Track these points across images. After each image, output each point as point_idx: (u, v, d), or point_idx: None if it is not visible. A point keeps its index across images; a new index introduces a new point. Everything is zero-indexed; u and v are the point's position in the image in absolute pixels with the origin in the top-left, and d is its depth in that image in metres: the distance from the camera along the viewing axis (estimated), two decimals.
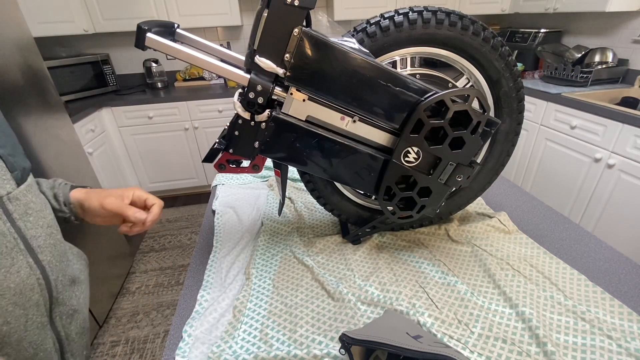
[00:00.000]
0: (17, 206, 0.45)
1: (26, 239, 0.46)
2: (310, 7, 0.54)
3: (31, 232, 0.47)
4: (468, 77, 0.74)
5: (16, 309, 0.44)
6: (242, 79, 0.58)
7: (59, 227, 0.55)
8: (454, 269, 0.77)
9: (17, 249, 0.44)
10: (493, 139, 0.79)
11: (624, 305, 0.65)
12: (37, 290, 0.47)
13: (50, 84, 1.50)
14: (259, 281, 0.76)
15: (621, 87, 2.11)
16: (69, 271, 0.55)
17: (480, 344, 0.60)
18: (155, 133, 2.54)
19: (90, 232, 1.68)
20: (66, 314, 0.53)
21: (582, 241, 0.85)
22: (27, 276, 0.45)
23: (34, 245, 0.47)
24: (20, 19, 1.34)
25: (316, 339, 0.61)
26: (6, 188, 0.44)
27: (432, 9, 0.65)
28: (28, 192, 0.48)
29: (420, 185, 0.69)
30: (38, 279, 0.47)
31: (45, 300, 0.49)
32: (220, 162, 0.68)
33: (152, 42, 0.55)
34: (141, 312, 1.79)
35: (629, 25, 2.12)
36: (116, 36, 2.66)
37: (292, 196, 1.09)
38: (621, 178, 1.70)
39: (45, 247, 0.49)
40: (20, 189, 0.46)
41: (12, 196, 0.44)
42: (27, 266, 0.45)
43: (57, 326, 0.52)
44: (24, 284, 0.45)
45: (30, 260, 0.46)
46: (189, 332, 0.64)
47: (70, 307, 0.54)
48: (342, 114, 0.62)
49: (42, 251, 0.48)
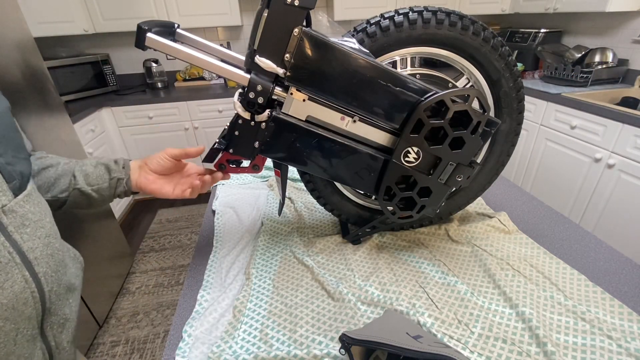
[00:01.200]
0: (12, 219, 0.43)
1: (22, 252, 0.44)
2: (310, 7, 0.54)
3: (28, 244, 0.45)
4: (468, 77, 0.74)
5: (7, 323, 0.42)
6: (242, 79, 0.58)
7: (58, 234, 0.54)
8: (454, 269, 0.77)
9: (12, 263, 0.42)
10: (493, 139, 0.79)
11: (624, 305, 0.65)
12: (31, 304, 0.45)
13: (50, 84, 1.50)
14: (259, 281, 0.76)
15: (621, 87, 2.11)
16: (64, 280, 0.53)
17: (480, 344, 0.60)
18: (155, 133, 2.54)
19: (91, 232, 1.68)
20: (57, 323, 0.52)
21: (582, 241, 0.85)
22: (21, 290, 0.43)
23: (30, 257, 0.45)
24: (20, 19, 1.34)
25: (316, 339, 0.61)
26: (1, 201, 0.42)
27: (432, 9, 0.65)
28: (26, 202, 0.46)
29: (420, 185, 0.69)
30: (32, 292, 0.45)
31: (38, 312, 0.47)
32: (220, 162, 0.68)
33: (152, 42, 0.55)
34: (141, 312, 1.79)
35: (629, 25, 2.12)
36: (116, 36, 2.66)
37: (292, 196, 1.09)
38: (621, 178, 1.70)
39: (42, 259, 0.47)
40: (17, 199, 0.44)
41: (8, 209, 0.43)
42: (22, 280, 0.43)
43: (47, 336, 0.50)
44: (17, 299, 0.43)
45: (26, 274, 0.44)
46: (189, 332, 0.64)
47: (62, 316, 0.53)
48: (342, 114, 0.62)
49: (39, 263, 0.46)
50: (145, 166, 0.65)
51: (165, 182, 0.66)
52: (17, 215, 0.44)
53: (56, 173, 0.60)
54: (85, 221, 1.64)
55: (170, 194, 0.65)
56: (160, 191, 0.65)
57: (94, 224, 1.72)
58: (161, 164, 0.65)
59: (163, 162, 0.65)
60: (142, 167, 0.66)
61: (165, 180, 0.66)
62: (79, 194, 0.61)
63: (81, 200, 0.62)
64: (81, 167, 0.62)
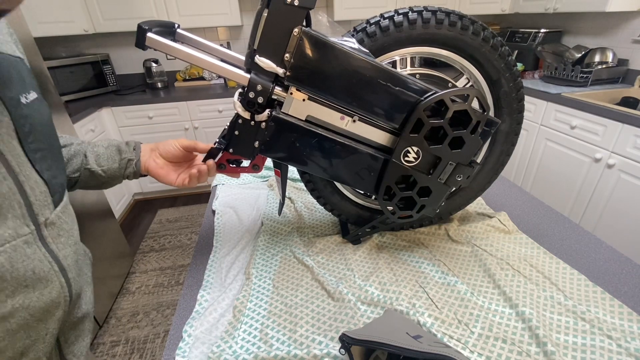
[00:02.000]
0: (51, 230, 0.45)
1: (59, 260, 0.46)
2: (310, 7, 0.54)
3: (62, 252, 0.47)
4: (468, 77, 0.74)
5: (40, 324, 0.44)
6: (242, 79, 0.58)
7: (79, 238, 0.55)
8: (454, 269, 0.77)
9: (52, 272, 0.44)
10: (493, 138, 0.79)
11: (624, 305, 0.65)
12: (62, 307, 0.47)
13: (50, 84, 1.50)
14: (259, 281, 0.76)
15: (621, 87, 2.11)
16: (82, 280, 0.55)
17: (480, 344, 0.60)
18: (155, 133, 2.54)
19: (90, 232, 1.68)
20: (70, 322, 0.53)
21: (582, 241, 0.85)
22: (57, 295, 0.46)
23: (64, 265, 0.47)
24: (20, 19, 1.34)
25: (316, 339, 0.61)
26: (45, 214, 0.44)
27: (432, 9, 0.65)
28: (62, 213, 0.48)
29: (420, 185, 0.69)
30: (65, 297, 0.47)
31: (65, 314, 0.49)
32: (220, 162, 0.68)
33: (152, 42, 0.55)
34: (141, 312, 1.79)
35: (629, 25, 2.12)
36: (116, 36, 2.66)
37: (292, 196, 1.09)
38: (621, 178, 1.70)
39: (72, 265, 0.49)
40: (56, 211, 0.46)
41: (49, 221, 0.44)
42: (59, 286, 0.46)
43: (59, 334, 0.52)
44: (52, 303, 0.45)
45: (62, 280, 0.46)
46: (189, 332, 0.64)
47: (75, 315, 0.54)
48: (342, 113, 0.62)
49: (70, 269, 0.48)
50: (157, 150, 0.67)
51: (172, 170, 0.68)
52: (55, 227, 0.46)
53: (69, 153, 0.62)
54: (86, 221, 1.64)
55: (174, 181, 0.67)
56: (166, 177, 0.67)
57: (94, 223, 1.72)
58: (171, 151, 0.67)
59: (174, 149, 0.67)
60: (153, 150, 0.68)
61: (172, 168, 0.68)
62: (89, 174, 0.63)
63: (91, 180, 0.64)
64: (93, 148, 0.64)
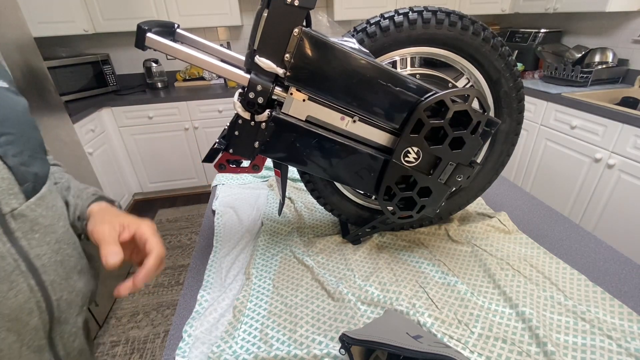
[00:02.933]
0: (21, 223, 0.41)
1: (29, 259, 0.42)
2: (310, 7, 0.54)
3: (35, 250, 0.43)
4: (468, 77, 0.74)
5: (9, 335, 0.40)
6: (242, 79, 0.58)
7: (74, 238, 0.51)
8: (454, 269, 0.77)
9: (17, 271, 0.40)
10: (493, 139, 0.79)
11: (624, 305, 0.65)
12: (36, 314, 0.43)
13: (50, 84, 1.50)
14: (259, 281, 0.76)
15: (621, 87, 2.11)
16: (78, 286, 0.50)
17: (480, 344, 0.60)
18: (155, 133, 2.54)
19: None
20: (68, 332, 0.49)
21: (582, 241, 0.85)
22: (25, 300, 0.41)
23: (37, 265, 0.43)
24: (20, 19, 1.34)
25: (316, 339, 0.61)
26: (11, 204, 0.40)
27: (432, 9, 0.65)
28: (38, 206, 0.44)
29: (420, 185, 0.69)
30: (38, 302, 0.43)
31: (45, 323, 0.44)
32: (220, 162, 0.68)
33: (152, 42, 0.55)
34: (141, 312, 1.79)
35: (629, 25, 2.12)
36: (116, 36, 2.66)
37: (292, 196, 1.09)
38: (621, 178, 1.70)
39: (50, 266, 0.44)
40: (28, 203, 0.42)
41: (17, 213, 0.40)
42: (27, 289, 0.41)
43: (56, 346, 0.48)
44: (20, 309, 0.41)
45: (31, 282, 0.42)
46: (189, 332, 0.64)
47: (75, 325, 0.50)
48: (342, 114, 0.62)
49: (46, 270, 0.44)
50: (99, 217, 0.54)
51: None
52: (27, 220, 0.42)
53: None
54: None
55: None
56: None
57: None
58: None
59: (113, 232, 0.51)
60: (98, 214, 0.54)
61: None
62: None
63: None
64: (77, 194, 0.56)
